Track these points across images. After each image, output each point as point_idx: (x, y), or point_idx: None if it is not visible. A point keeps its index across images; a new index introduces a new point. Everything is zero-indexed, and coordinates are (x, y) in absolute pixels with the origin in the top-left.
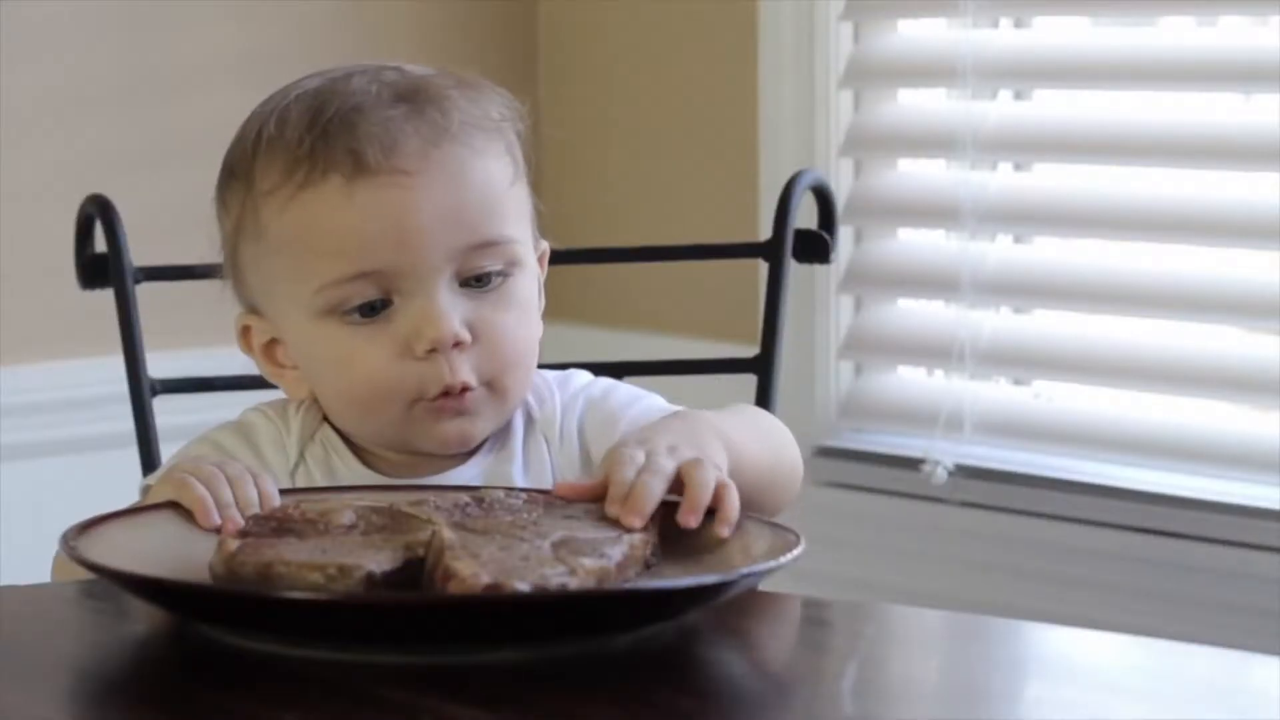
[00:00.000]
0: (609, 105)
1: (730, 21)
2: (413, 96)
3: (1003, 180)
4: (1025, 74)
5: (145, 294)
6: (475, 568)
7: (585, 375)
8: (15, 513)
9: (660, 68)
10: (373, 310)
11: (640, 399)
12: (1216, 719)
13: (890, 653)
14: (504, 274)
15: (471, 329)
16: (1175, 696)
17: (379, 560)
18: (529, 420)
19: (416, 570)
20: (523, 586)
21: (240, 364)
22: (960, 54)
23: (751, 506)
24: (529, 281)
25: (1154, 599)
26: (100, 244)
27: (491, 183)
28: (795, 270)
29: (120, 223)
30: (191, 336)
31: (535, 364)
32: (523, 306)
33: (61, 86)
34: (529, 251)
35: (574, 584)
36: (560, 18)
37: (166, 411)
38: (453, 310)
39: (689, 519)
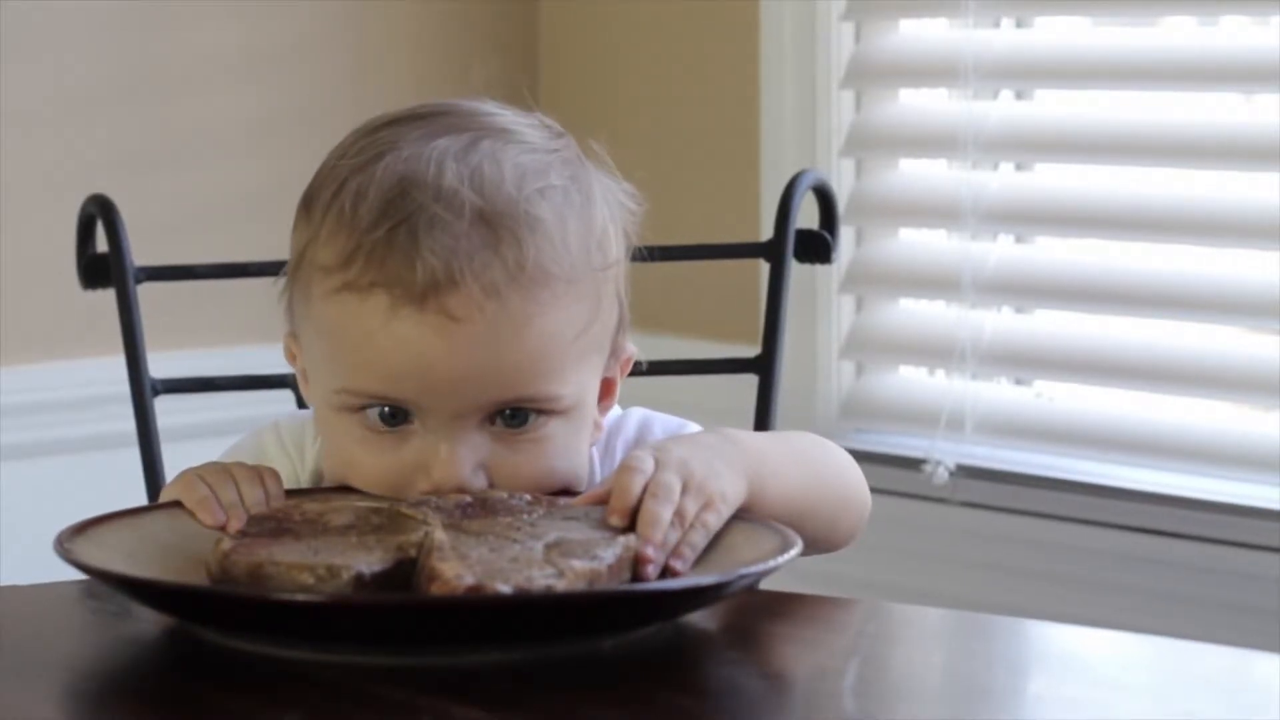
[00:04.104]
0: (609, 105)
1: (731, 21)
2: (496, 222)
3: (1004, 180)
4: (1026, 74)
5: (146, 294)
6: (460, 569)
7: (614, 411)
8: (15, 513)
9: (660, 68)
10: (392, 419)
11: (679, 431)
12: (1218, 716)
13: (891, 651)
14: (541, 420)
15: (490, 471)
16: (1177, 694)
17: (369, 561)
18: None
19: (408, 571)
20: (504, 588)
21: (240, 364)
22: (961, 54)
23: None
24: (575, 424)
25: (1154, 599)
26: (101, 244)
27: (550, 339)
28: (796, 270)
29: (121, 222)
30: (192, 336)
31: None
32: (560, 452)
33: (62, 86)
34: (585, 393)
35: (561, 586)
36: (560, 18)
37: (167, 411)
38: (469, 456)
39: (645, 550)
